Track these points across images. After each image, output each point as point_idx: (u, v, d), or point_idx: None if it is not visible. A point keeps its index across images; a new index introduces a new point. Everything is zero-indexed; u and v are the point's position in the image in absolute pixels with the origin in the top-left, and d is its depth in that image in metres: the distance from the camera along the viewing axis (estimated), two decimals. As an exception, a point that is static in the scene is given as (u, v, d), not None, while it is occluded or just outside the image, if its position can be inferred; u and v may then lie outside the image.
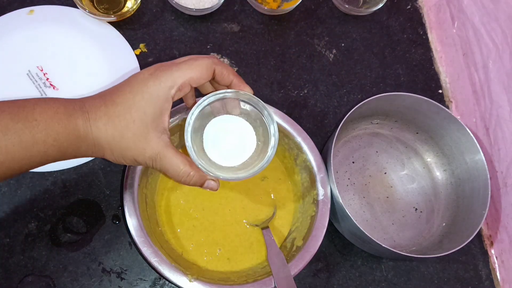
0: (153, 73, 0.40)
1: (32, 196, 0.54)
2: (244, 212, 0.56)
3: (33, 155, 0.37)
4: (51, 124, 0.37)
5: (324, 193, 0.53)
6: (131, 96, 0.39)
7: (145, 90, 0.39)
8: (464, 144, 0.59)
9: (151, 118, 0.40)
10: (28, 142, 0.36)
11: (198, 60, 0.41)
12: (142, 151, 0.40)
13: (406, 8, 0.75)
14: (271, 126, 0.43)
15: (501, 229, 0.61)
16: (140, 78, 0.40)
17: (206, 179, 0.44)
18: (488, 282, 0.61)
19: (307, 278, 0.57)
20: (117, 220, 0.55)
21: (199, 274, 0.48)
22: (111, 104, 0.39)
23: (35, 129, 0.36)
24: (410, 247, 0.59)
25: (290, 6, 0.68)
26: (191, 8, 0.64)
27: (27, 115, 0.36)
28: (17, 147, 0.36)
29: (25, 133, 0.36)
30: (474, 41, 0.65)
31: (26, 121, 0.36)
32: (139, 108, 0.39)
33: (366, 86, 0.69)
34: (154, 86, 0.39)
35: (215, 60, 0.42)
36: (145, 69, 0.41)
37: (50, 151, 0.38)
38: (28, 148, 0.36)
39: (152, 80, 0.40)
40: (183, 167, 0.41)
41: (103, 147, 0.40)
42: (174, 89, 0.40)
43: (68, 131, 0.38)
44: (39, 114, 0.37)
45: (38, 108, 0.37)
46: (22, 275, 0.51)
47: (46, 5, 0.63)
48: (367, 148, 0.65)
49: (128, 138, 0.39)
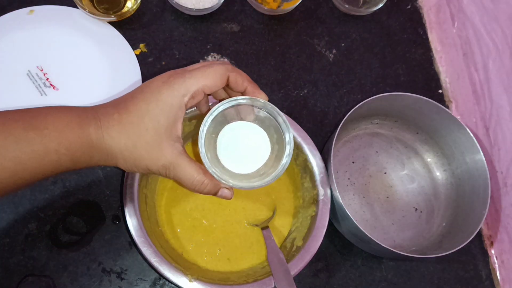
0: (166, 80, 0.40)
1: (32, 196, 0.54)
2: (244, 212, 0.56)
3: (45, 164, 0.37)
4: (63, 133, 0.36)
5: (324, 193, 0.53)
6: (144, 104, 0.39)
7: (159, 98, 0.39)
8: (464, 144, 0.59)
9: (165, 127, 0.39)
10: (40, 151, 0.36)
11: (212, 67, 0.41)
12: (155, 160, 0.40)
13: (406, 8, 0.75)
14: (286, 133, 0.42)
15: (501, 229, 0.61)
16: (153, 86, 0.40)
17: (220, 187, 0.43)
18: (488, 282, 0.61)
19: (307, 278, 0.57)
20: (117, 220, 0.55)
21: (199, 274, 0.48)
22: (124, 111, 0.39)
23: (47, 138, 0.36)
24: (410, 247, 0.59)
25: (290, 6, 0.68)
26: (191, 8, 0.64)
27: (39, 124, 0.36)
28: (29, 156, 0.35)
29: (37, 142, 0.35)
30: (474, 41, 0.65)
31: (37, 130, 0.36)
32: (152, 116, 0.39)
33: (366, 86, 0.69)
34: (167, 94, 0.39)
35: (229, 67, 0.41)
36: (159, 76, 0.41)
37: (63, 161, 0.37)
38: (40, 157, 0.36)
39: (165, 88, 0.39)
40: (197, 175, 0.41)
41: (116, 156, 0.39)
42: (187, 97, 0.39)
43: (81, 140, 0.37)
44: (51, 123, 0.36)
45: (50, 117, 0.37)
46: (22, 275, 0.51)
47: (46, 5, 0.63)
48: (367, 148, 0.65)
49: (141, 146, 0.39)
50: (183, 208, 0.55)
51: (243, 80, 0.42)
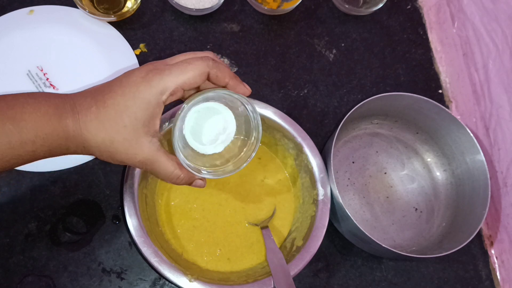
0: (144, 76, 0.39)
1: (32, 196, 0.54)
2: (244, 212, 0.56)
3: (22, 154, 0.37)
4: (40, 125, 0.36)
5: (324, 193, 0.53)
6: (122, 100, 0.38)
7: (137, 95, 0.38)
8: (464, 144, 0.59)
9: (142, 123, 0.39)
10: (16, 142, 0.36)
11: (191, 63, 0.40)
12: (132, 155, 0.40)
13: (406, 8, 0.75)
14: (255, 119, 0.44)
15: (501, 229, 0.61)
16: (131, 81, 0.39)
17: (194, 179, 0.45)
18: (488, 282, 0.61)
19: (307, 278, 0.57)
20: (117, 220, 0.55)
21: (199, 274, 0.48)
22: (102, 105, 0.39)
23: (23, 130, 0.36)
24: (410, 247, 0.59)
25: (290, 6, 0.68)
26: (191, 8, 0.64)
27: (15, 115, 0.36)
28: (5, 147, 0.35)
29: (13, 134, 0.35)
30: (474, 41, 0.65)
31: (14, 121, 0.35)
32: (130, 113, 0.38)
33: (366, 86, 0.69)
34: (145, 91, 0.38)
35: (210, 63, 0.41)
36: (137, 70, 0.40)
37: (39, 151, 0.37)
38: (16, 148, 0.36)
39: (143, 84, 0.39)
40: (173, 170, 0.42)
41: (91, 148, 0.39)
42: (165, 94, 0.39)
43: (57, 132, 0.37)
44: (29, 114, 0.36)
45: (27, 107, 0.36)
46: (22, 275, 0.51)
47: (46, 5, 0.63)
48: (367, 148, 0.65)
49: (119, 142, 0.39)
50: (183, 208, 0.55)
51: (224, 76, 0.42)
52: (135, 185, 0.50)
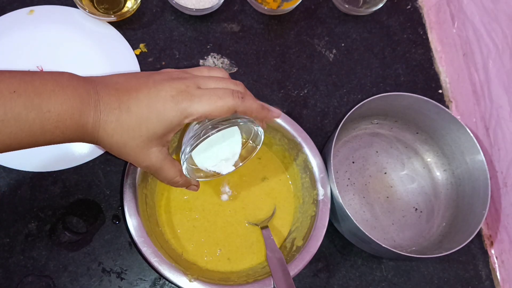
0: (174, 96, 0.39)
1: (32, 196, 0.54)
2: (244, 212, 0.56)
3: (39, 141, 0.37)
4: (63, 118, 0.37)
5: (324, 193, 0.53)
6: (146, 111, 0.39)
7: (161, 112, 0.39)
8: (464, 144, 0.59)
9: (158, 136, 0.40)
10: (37, 131, 0.36)
11: (222, 98, 0.40)
12: (140, 160, 0.42)
13: (406, 8, 0.75)
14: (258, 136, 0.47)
15: (501, 229, 0.61)
16: (161, 96, 0.40)
17: (190, 184, 0.48)
18: (488, 282, 0.61)
19: (307, 278, 0.57)
20: (117, 220, 0.55)
21: (199, 274, 0.48)
22: (125, 109, 0.39)
23: (46, 121, 0.36)
24: (410, 247, 0.59)
25: (290, 6, 0.68)
26: (191, 8, 0.64)
27: (41, 104, 0.36)
28: (26, 134, 0.36)
29: (36, 124, 0.36)
30: (474, 41, 0.65)
31: (39, 111, 0.36)
32: (150, 125, 0.39)
33: (366, 86, 0.69)
34: (171, 112, 0.39)
35: (239, 102, 0.41)
36: (168, 84, 0.40)
37: (56, 140, 0.38)
38: (35, 136, 0.37)
39: (170, 105, 0.39)
40: (174, 177, 0.45)
41: (103, 144, 0.40)
42: (189, 119, 0.40)
43: (77, 127, 0.38)
44: (54, 105, 0.36)
45: (54, 97, 0.36)
46: (22, 275, 0.51)
47: (46, 5, 0.63)
48: (367, 148, 0.65)
49: (131, 148, 0.40)
50: (183, 208, 0.55)
51: (251, 112, 0.43)
52: (135, 185, 0.50)
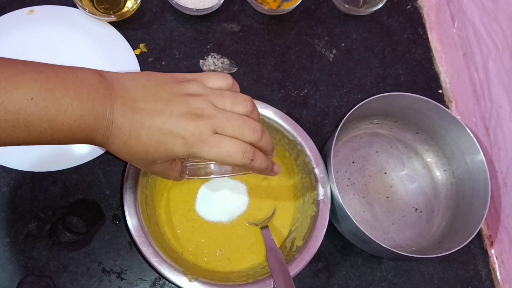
0: (186, 139, 0.39)
1: (32, 196, 0.54)
2: (244, 212, 0.56)
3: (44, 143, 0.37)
4: (73, 131, 0.36)
5: (324, 193, 0.53)
6: (155, 144, 0.39)
7: (170, 149, 0.39)
8: (464, 144, 0.59)
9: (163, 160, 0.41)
10: (46, 139, 0.36)
11: (232, 157, 0.40)
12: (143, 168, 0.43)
13: (406, 8, 0.75)
14: None
15: (501, 229, 0.61)
16: (173, 134, 0.39)
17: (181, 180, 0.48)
18: (488, 282, 0.61)
19: (307, 278, 0.57)
20: (117, 220, 0.55)
21: (199, 274, 0.48)
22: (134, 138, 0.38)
23: (58, 132, 0.36)
24: (410, 247, 0.59)
25: (290, 6, 0.68)
26: (191, 8, 0.64)
27: (56, 117, 0.35)
28: (34, 140, 0.36)
29: (46, 132, 0.35)
30: (474, 41, 0.65)
31: (53, 123, 0.35)
32: (156, 155, 0.39)
33: (366, 86, 0.69)
34: (179, 151, 0.39)
35: (248, 162, 0.40)
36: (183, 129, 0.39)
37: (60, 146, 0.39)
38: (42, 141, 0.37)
39: (180, 146, 0.39)
40: (174, 178, 0.45)
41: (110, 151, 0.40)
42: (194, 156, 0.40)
43: (85, 139, 0.38)
44: (68, 120, 0.35)
45: (70, 111, 0.35)
46: (22, 275, 0.51)
47: (46, 5, 0.63)
48: (367, 148, 0.65)
49: (136, 162, 0.41)
50: (183, 208, 0.55)
51: (260, 172, 0.43)
52: (135, 185, 0.50)
